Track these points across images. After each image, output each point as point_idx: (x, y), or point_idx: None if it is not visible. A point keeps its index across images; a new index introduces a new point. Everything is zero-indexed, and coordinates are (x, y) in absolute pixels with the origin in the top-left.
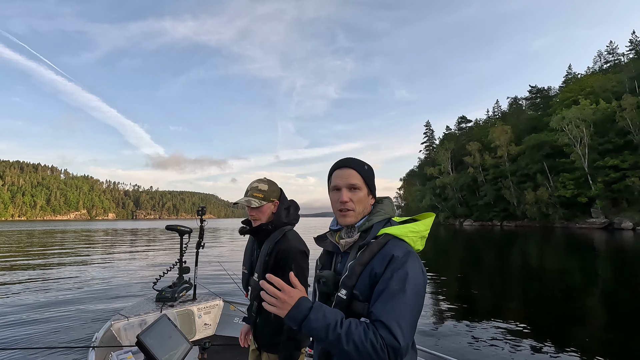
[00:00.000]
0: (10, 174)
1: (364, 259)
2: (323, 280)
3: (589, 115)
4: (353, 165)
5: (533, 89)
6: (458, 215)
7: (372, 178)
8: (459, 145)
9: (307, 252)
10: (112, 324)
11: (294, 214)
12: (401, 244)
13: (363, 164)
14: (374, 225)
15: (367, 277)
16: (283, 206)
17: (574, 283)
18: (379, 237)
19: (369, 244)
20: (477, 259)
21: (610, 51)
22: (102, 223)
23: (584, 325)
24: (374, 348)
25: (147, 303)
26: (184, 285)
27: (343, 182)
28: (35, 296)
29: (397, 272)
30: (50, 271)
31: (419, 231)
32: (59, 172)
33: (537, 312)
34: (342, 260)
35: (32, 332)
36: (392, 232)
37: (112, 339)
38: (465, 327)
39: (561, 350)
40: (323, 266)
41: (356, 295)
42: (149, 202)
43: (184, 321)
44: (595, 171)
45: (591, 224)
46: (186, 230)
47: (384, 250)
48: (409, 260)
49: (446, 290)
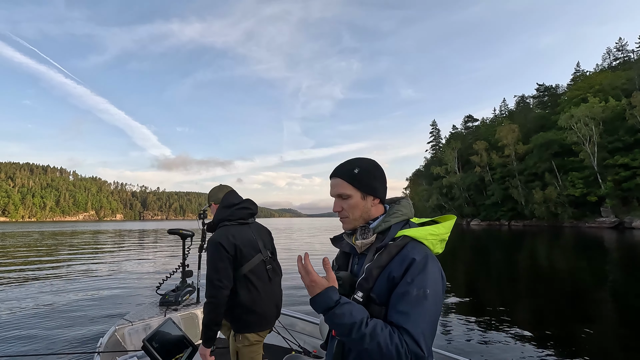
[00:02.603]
0: (21, 176)
1: (381, 261)
2: (339, 281)
3: (598, 113)
4: (339, 173)
5: (541, 87)
6: (465, 215)
7: (368, 179)
8: (465, 144)
9: (222, 244)
10: (117, 328)
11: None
12: (420, 247)
13: (352, 169)
14: (392, 227)
15: (385, 280)
16: (222, 205)
17: (584, 283)
18: (397, 238)
19: (386, 246)
20: (485, 259)
21: (620, 48)
22: (110, 224)
23: (595, 326)
24: (398, 353)
25: (151, 307)
26: (188, 289)
27: (332, 192)
28: (39, 301)
29: (417, 277)
30: (53, 276)
31: (439, 234)
32: (67, 173)
33: (547, 312)
34: (359, 261)
35: (36, 338)
36: (411, 234)
37: (117, 344)
38: (475, 327)
39: (571, 350)
40: (339, 267)
41: (373, 299)
42: (156, 202)
43: (188, 325)
44: (605, 170)
45: (601, 223)
46: (188, 234)
47: (402, 253)
48: (428, 264)
49: (455, 290)
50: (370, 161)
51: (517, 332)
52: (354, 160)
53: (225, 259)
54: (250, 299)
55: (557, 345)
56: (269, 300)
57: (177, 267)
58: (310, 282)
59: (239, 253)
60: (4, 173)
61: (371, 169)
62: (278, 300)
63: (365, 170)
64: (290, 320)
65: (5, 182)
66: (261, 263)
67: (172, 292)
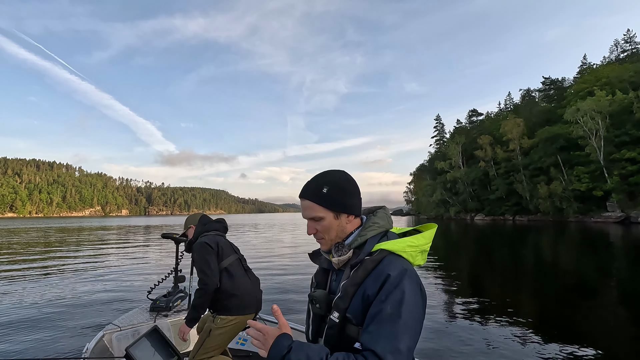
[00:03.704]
0: (27, 172)
1: (357, 278)
2: (315, 300)
3: (605, 107)
4: (308, 195)
5: (546, 80)
6: (469, 210)
7: (339, 197)
8: (469, 138)
9: (207, 242)
10: (104, 334)
11: (209, 227)
12: (398, 261)
13: (321, 188)
14: (368, 241)
15: (360, 299)
16: (200, 223)
17: (590, 278)
18: (373, 253)
19: (362, 261)
20: (489, 254)
21: (628, 40)
22: (115, 220)
23: (601, 321)
24: None
25: (141, 313)
26: (179, 295)
27: (304, 215)
28: (23, 302)
29: (391, 294)
30: (41, 276)
31: (418, 245)
32: (73, 169)
33: (552, 309)
34: (337, 278)
35: (19, 343)
36: (388, 248)
37: (104, 350)
38: (477, 324)
39: (577, 345)
40: (318, 284)
41: (349, 319)
42: (161, 198)
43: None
44: (612, 164)
45: (607, 218)
46: (182, 238)
47: (378, 269)
48: (404, 280)
49: (457, 286)
50: (340, 175)
51: (522, 327)
52: (322, 176)
53: (211, 253)
54: (230, 286)
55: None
56: (247, 288)
57: (170, 272)
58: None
59: (220, 250)
60: (11, 169)
61: (341, 185)
62: (257, 292)
63: (335, 188)
64: None
65: (13, 179)
66: (237, 260)
67: (163, 297)
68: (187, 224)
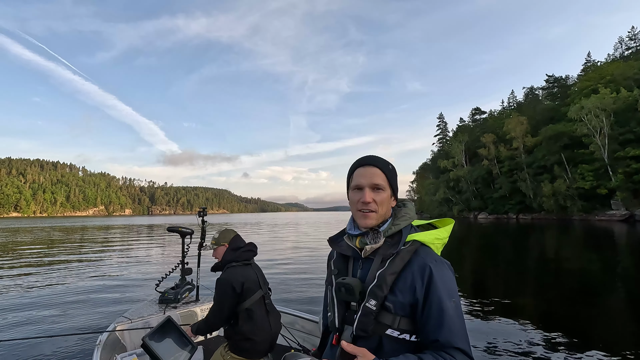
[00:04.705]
0: (31, 172)
1: (394, 267)
2: (347, 287)
3: (609, 105)
4: (378, 163)
5: (550, 78)
6: (472, 209)
7: (396, 179)
8: (473, 137)
9: (233, 284)
10: (116, 326)
11: (239, 257)
12: (431, 253)
13: (388, 163)
14: (402, 231)
15: (404, 288)
16: (231, 247)
17: (594, 277)
18: (407, 243)
19: (399, 251)
20: (492, 252)
21: (632, 37)
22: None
23: (605, 319)
24: None
25: (150, 305)
26: (187, 287)
27: (366, 182)
28: (38, 296)
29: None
30: (53, 272)
31: (443, 238)
32: (77, 169)
33: (556, 308)
34: (364, 266)
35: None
36: (420, 239)
37: (116, 342)
38: (480, 323)
39: (581, 343)
40: (339, 272)
41: (387, 307)
42: (164, 197)
43: (188, 322)
44: (616, 162)
45: (611, 216)
46: (187, 231)
47: (417, 260)
48: (448, 271)
49: (460, 285)
50: None
51: (526, 326)
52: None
53: (231, 296)
54: (248, 329)
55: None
56: (264, 335)
57: (177, 265)
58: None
59: (244, 290)
60: (15, 169)
61: (396, 171)
62: (274, 334)
63: (395, 170)
64: (289, 319)
65: (17, 179)
66: (261, 298)
67: (171, 289)
68: (219, 240)
